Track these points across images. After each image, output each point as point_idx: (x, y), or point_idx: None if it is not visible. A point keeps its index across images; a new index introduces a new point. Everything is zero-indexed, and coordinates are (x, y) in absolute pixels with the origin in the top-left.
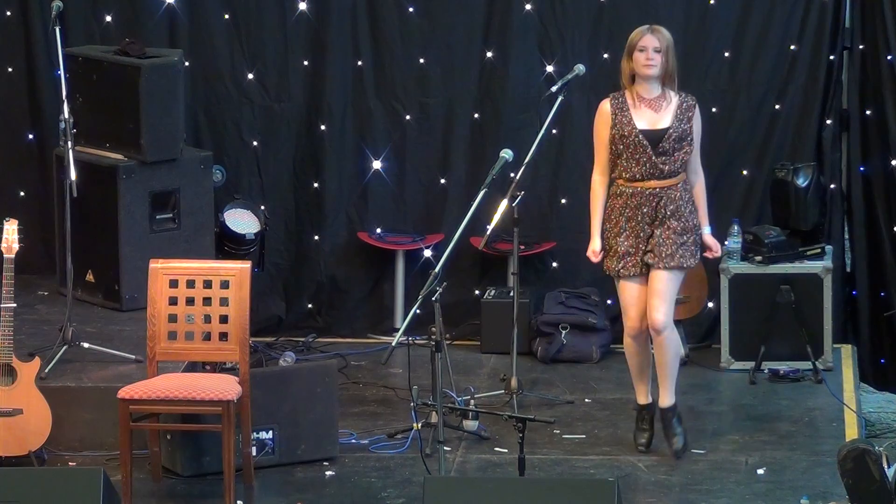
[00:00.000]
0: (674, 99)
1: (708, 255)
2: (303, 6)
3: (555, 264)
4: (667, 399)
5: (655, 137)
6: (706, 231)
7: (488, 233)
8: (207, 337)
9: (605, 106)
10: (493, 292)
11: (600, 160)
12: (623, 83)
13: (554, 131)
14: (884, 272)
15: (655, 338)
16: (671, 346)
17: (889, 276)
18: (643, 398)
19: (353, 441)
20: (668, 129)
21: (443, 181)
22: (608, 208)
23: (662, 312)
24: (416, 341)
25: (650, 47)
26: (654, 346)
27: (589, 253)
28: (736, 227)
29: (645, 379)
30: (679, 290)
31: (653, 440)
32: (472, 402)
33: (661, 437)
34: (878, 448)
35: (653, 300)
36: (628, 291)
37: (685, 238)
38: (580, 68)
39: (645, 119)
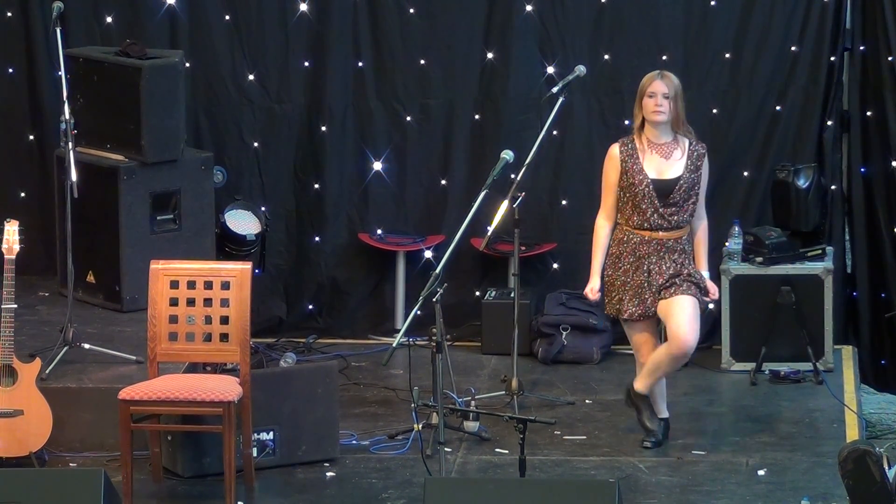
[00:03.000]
0: (686, 146)
1: (707, 298)
2: (303, 7)
3: (555, 265)
4: (645, 388)
5: (665, 188)
6: (705, 276)
7: (489, 234)
8: (208, 338)
9: (615, 150)
10: (493, 293)
11: (606, 204)
12: (636, 127)
13: (555, 132)
14: (884, 273)
15: (680, 356)
16: (681, 365)
17: (889, 278)
18: (645, 388)
19: (354, 442)
20: (678, 179)
21: (443, 182)
22: (614, 253)
23: (694, 332)
24: (417, 342)
25: (659, 93)
26: (672, 359)
27: (587, 291)
28: (737, 229)
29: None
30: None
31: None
32: (472, 403)
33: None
34: (878, 449)
35: (681, 319)
36: (639, 333)
37: (692, 282)
38: (581, 69)
39: (654, 167)
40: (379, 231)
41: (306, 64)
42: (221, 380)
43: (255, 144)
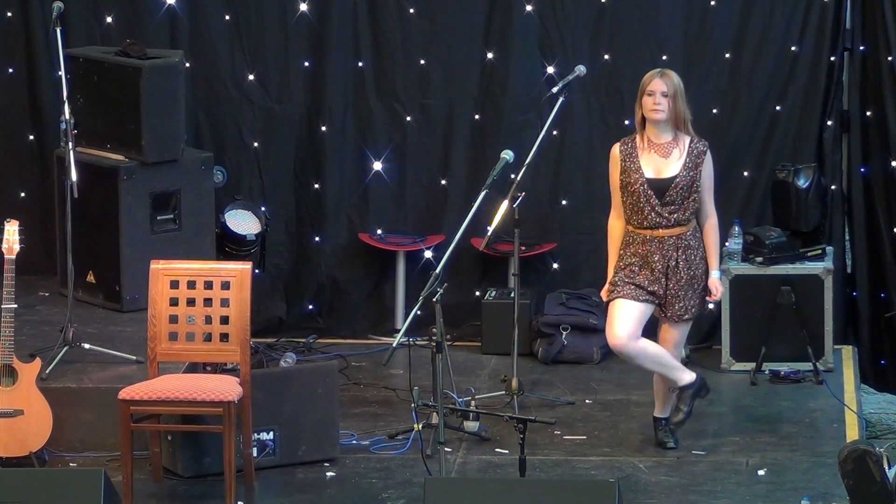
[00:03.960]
0: (686, 144)
1: (708, 298)
2: (303, 7)
3: (555, 265)
4: (663, 410)
5: (661, 187)
6: (714, 275)
7: (489, 234)
8: (208, 338)
9: (615, 151)
10: (493, 293)
11: (615, 204)
12: (636, 128)
13: (555, 132)
14: (884, 273)
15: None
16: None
17: (889, 278)
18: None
19: (354, 442)
20: (674, 178)
21: (443, 182)
22: (621, 256)
23: (676, 355)
24: (417, 342)
25: (658, 91)
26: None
27: (603, 293)
28: (737, 229)
29: (662, 395)
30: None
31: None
32: (472, 403)
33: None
34: (878, 449)
35: (668, 348)
36: (622, 311)
37: (695, 287)
38: (581, 69)
39: (652, 166)
40: (379, 231)
41: (306, 64)
42: (221, 380)
43: (255, 144)
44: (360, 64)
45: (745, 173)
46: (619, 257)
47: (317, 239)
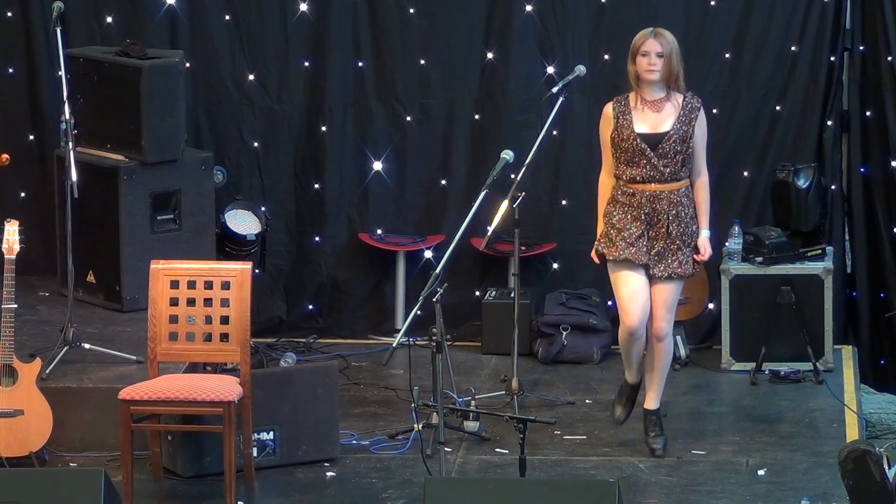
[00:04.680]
0: (679, 101)
1: (696, 257)
2: (303, 7)
3: (555, 265)
4: (653, 402)
5: (655, 141)
6: (703, 234)
7: (489, 234)
8: (208, 338)
9: (608, 109)
10: (493, 293)
11: (606, 161)
12: (631, 84)
13: (554, 132)
14: (884, 273)
15: (656, 344)
16: (668, 353)
17: (889, 278)
18: (632, 378)
19: (354, 442)
20: (668, 132)
21: (443, 182)
22: (609, 205)
23: (666, 321)
24: (417, 342)
25: (653, 52)
26: (653, 351)
27: (593, 253)
28: (737, 228)
29: (636, 364)
30: (680, 293)
31: (628, 418)
32: (472, 403)
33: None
34: (878, 449)
35: (657, 310)
36: (628, 285)
37: (685, 246)
38: (581, 69)
39: (647, 122)
40: (379, 231)
41: (306, 64)
42: (221, 380)
43: (255, 144)
44: (360, 64)
45: (745, 173)
46: (607, 211)
47: (317, 239)
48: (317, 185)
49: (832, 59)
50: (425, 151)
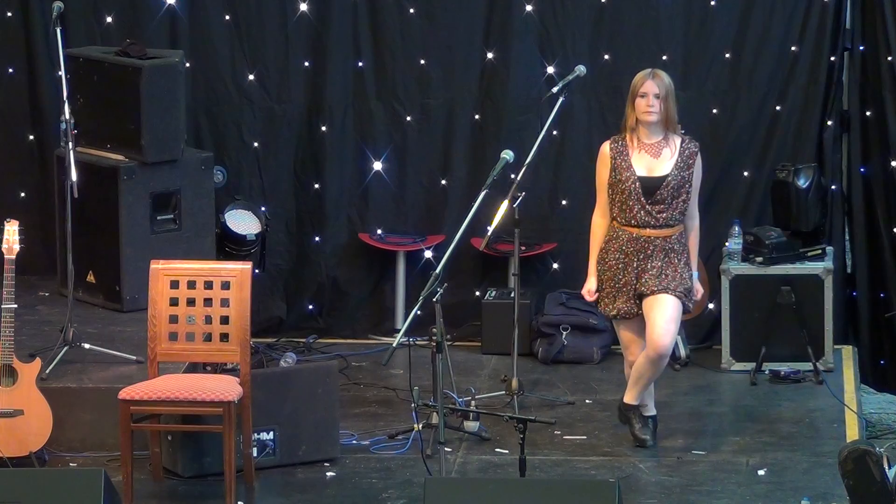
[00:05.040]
0: (677, 143)
1: (694, 298)
2: (303, 7)
3: (555, 265)
4: (634, 398)
5: (652, 185)
6: (694, 276)
7: (489, 234)
8: (208, 338)
9: (605, 149)
10: (493, 293)
11: (601, 201)
12: (627, 126)
13: (554, 132)
14: (884, 273)
15: (656, 359)
16: (661, 369)
17: (889, 278)
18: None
19: (354, 442)
20: (666, 177)
21: (443, 182)
22: (603, 250)
23: (670, 335)
24: (417, 342)
25: (651, 93)
26: (650, 363)
27: (584, 292)
28: (737, 228)
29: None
30: (680, 315)
31: (655, 434)
32: (472, 403)
33: (660, 436)
34: (878, 449)
35: (658, 320)
36: (627, 332)
37: (678, 280)
38: (581, 69)
39: (644, 165)
40: (379, 231)
41: (306, 64)
42: (221, 380)
43: (255, 144)
44: (360, 64)
45: (745, 173)
46: (601, 254)
47: (317, 239)
48: (317, 185)
49: (832, 59)
50: (425, 151)
